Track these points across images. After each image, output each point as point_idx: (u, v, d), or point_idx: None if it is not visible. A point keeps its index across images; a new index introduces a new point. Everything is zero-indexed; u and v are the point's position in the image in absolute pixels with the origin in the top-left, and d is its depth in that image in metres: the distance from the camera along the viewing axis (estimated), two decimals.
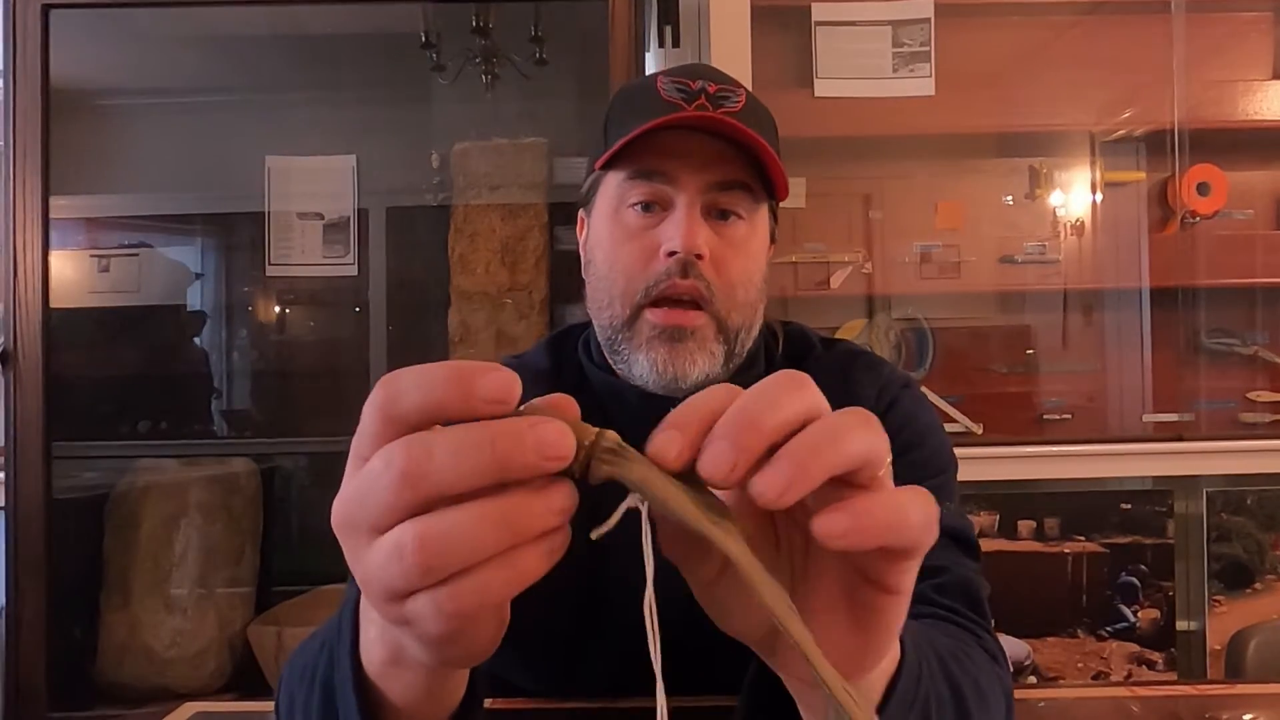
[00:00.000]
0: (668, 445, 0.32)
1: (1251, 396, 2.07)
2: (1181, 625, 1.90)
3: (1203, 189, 2.06)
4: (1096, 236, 2.13)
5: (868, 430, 0.33)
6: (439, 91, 2.37)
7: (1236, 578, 1.90)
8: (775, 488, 0.31)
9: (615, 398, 0.80)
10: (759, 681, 0.47)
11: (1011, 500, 1.87)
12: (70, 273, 2.33)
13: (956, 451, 0.82)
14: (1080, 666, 1.88)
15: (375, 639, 0.40)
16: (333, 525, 0.33)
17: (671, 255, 0.73)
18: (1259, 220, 2.14)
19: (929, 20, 1.95)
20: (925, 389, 1.62)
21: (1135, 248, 2.13)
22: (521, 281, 2.15)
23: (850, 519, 0.32)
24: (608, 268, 0.78)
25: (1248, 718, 0.79)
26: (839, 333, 2.07)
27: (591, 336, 0.84)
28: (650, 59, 1.98)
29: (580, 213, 0.85)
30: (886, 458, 0.34)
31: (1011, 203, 2.13)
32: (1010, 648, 1.83)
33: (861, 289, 2.09)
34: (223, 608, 2.02)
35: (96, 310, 2.35)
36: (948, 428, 1.61)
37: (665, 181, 0.75)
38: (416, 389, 0.31)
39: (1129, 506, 1.88)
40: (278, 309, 2.56)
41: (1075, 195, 2.13)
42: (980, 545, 0.77)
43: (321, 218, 2.24)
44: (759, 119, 0.76)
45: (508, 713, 0.76)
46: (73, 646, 1.93)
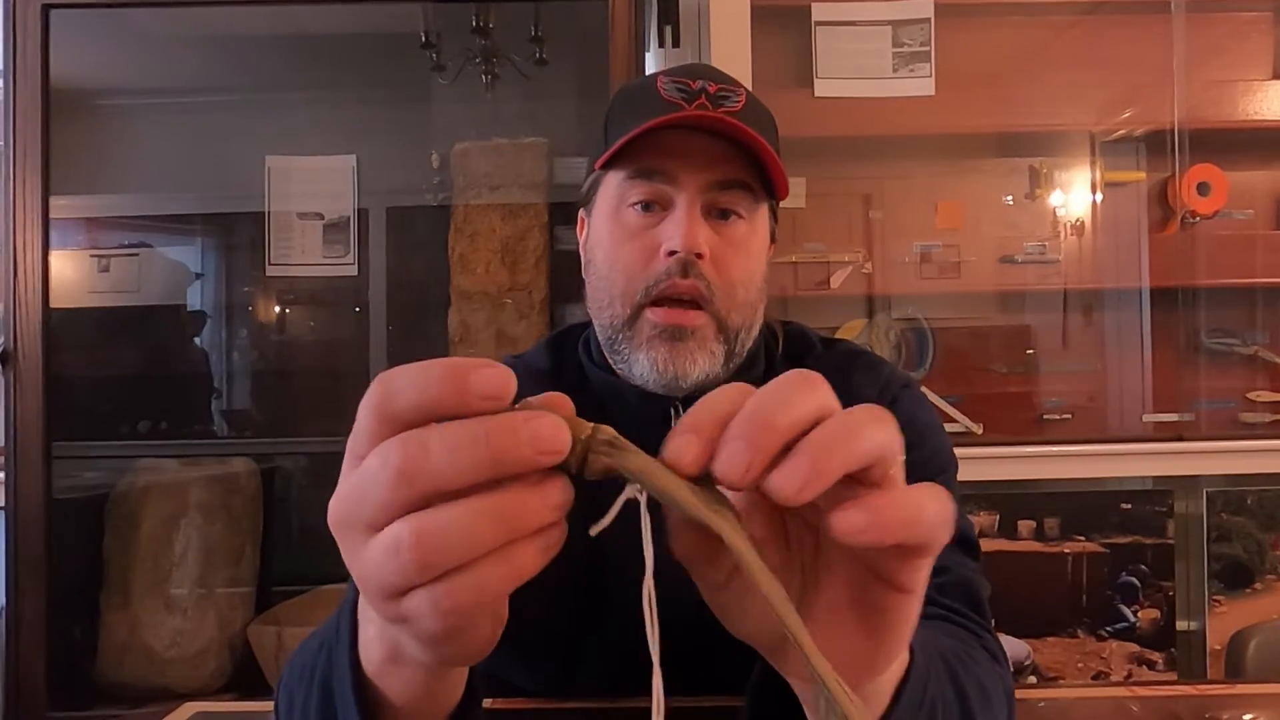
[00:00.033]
0: (684, 450, 0.32)
1: (1251, 396, 2.07)
2: (1181, 625, 1.90)
3: (1203, 189, 2.06)
4: (1096, 236, 2.13)
5: (882, 426, 0.33)
6: (439, 91, 2.37)
7: (1236, 578, 1.90)
8: (793, 484, 0.31)
9: (615, 397, 0.80)
10: (764, 682, 0.47)
11: (1011, 500, 1.87)
12: (70, 273, 2.33)
13: (956, 451, 0.83)
14: (1080, 666, 1.88)
15: (374, 638, 0.40)
16: (329, 524, 0.33)
17: (672, 255, 0.73)
18: (1259, 220, 2.13)
19: (929, 20, 1.95)
20: (925, 389, 1.62)
21: (1135, 248, 2.13)
22: (521, 281, 2.15)
23: (869, 515, 0.31)
24: (608, 267, 0.78)
25: (1248, 718, 0.79)
26: (839, 333, 2.07)
27: (591, 336, 0.84)
28: (650, 59, 1.98)
29: (580, 213, 0.85)
30: (900, 454, 0.33)
31: (1011, 203, 2.13)
32: (1010, 648, 1.83)
33: (861, 289, 2.09)
34: (223, 608, 2.02)
35: (96, 310, 2.35)
36: (948, 428, 1.60)
37: (665, 181, 0.75)
38: (411, 386, 0.31)
39: (1129, 506, 1.88)
40: (278, 309, 2.56)
41: (1075, 195, 2.13)
42: (980, 545, 0.77)
43: (321, 218, 2.24)
44: (759, 119, 0.76)
45: (508, 713, 0.76)
46: (73, 646, 1.92)
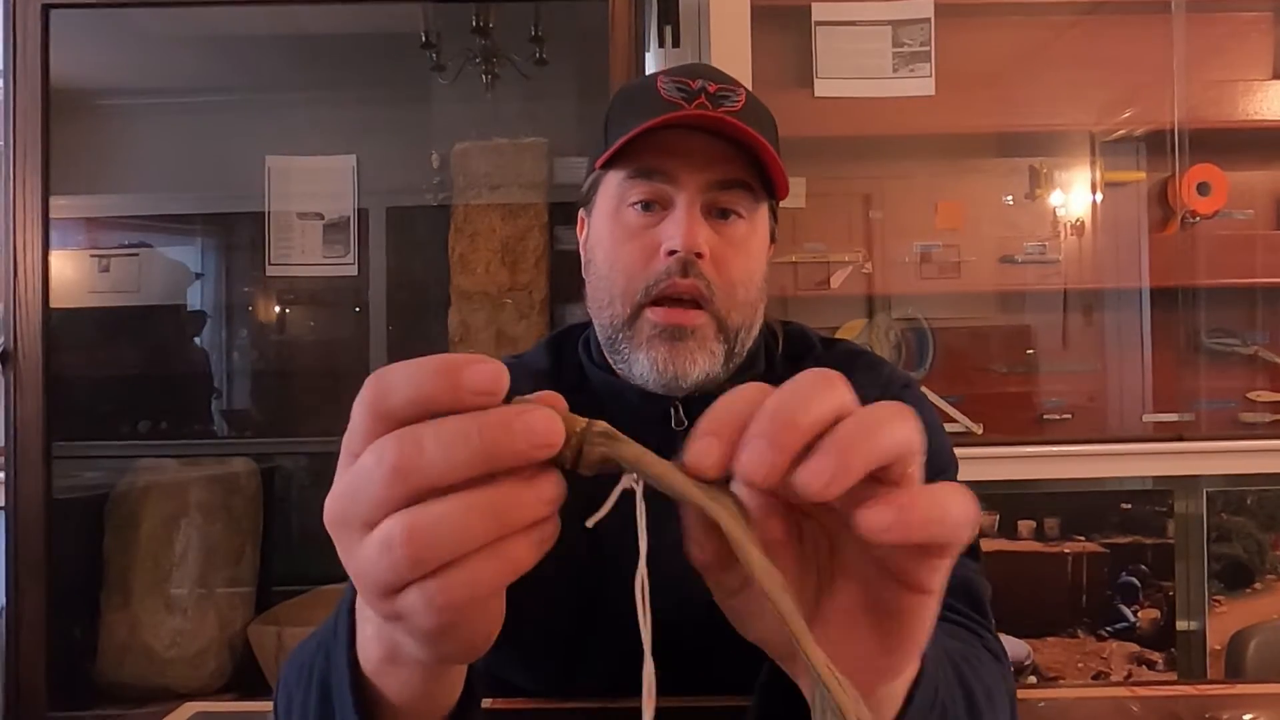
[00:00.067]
0: (705, 453, 0.32)
1: (1251, 396, 2.07)
2: (1181, 625, 1.90)
3: (1203, 189, 2.06)
4: (1096, 236, 2.13)
5: (904, 422, 0.32)
6: (439, 91, 2.37)
7: (1236, 578, 1.90)
8: (819, 480, 0.30)
9: (615, 397, 0.80)
10: (772, 683, 0.47)
11: (1011, 500, 1.87)
12: (70, 273, 2.33)
13: (956, 451, 0.82)
14: (1080, 666, 1.88)
15: (371, 637, 0.40)
16: (325, 522, 0.32)
17: (672, 254, 0.73)
18: (1259, 220, 2.13)
19: (929, 20, 1.95)
20: (925, 389, 1.61)
21: (1135, 248, 2.13)
22: (521, 281, 2.15)
23: (896, 513, 0.31)
24: (608, 267, 0.78)
25: (1248, 718, 0.79)
26: (839, 333, 2.07)
27: (591, 336, 0.84)
28: (650, 59, 1.98)
29: (580, 212, 0.85)
30: (921, 452, 0.33)
31: (1011, 203, 2.13)
32: (1010, 648, 1.82)
33: (861, 289, 2.09)
34: (223, 608, 2.02)
35: (96, 310, 2.35)
36: (948, 428, 1.60)
37: (665, 180, 0.75)
38: (405, 383, 0.31)
39: (1129, 506, 1.88)
40: (278, 309, 2.56)
41: (1075, 195, 2.13)
42: (981, 545, 0.77)
43: (321, 218, 2.24)
44: (759, 118, 0.76)
45: (508, 713, 0.76)
46: (73, 646, 1.92)
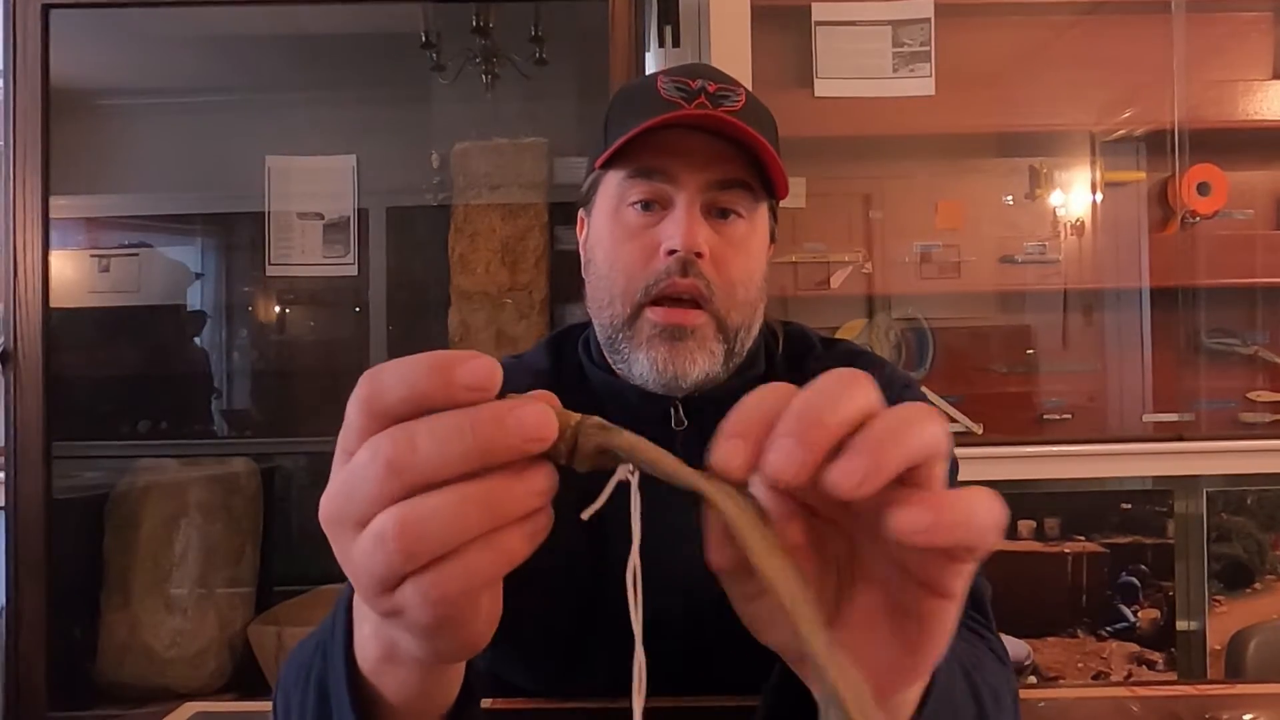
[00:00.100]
0: (732, 455, 0.31)
1: (1251, 396, 2.07)
2: (1181, 625, 1.90)
3: (1203, 189, 2.06)
4: (1096, 236, 2.13)
5: (933, 423, 0.32)
6: (439, 91, 2.37)
7: (1236, 578, 1.90)
8: (852, 479, 0.30)
9: (615, 397, 0.80)
10: (782, 685, 0.46)
11: (1011, 500, 1.83)
12: (70, 273, 2.33)
13: (957, 452, 0.82)
14: (1080, 666, 1.88)
15: (369, 636, 0.40)
16: (320, 521, 0.33)
17: (671, 254, 0.73)
18: (1259, 220, 2.13)
19: (929, 20, 1.95)
20: (925, 389, 1.62)
21: (1135, 248, 2.13)
22: (521, 281, 2.15)
23: (933, 514, 0.30)
24: (608, 267, 0.78)
25: (1248, 718, 0.79)
26: (839, 333, 2.07)
27: (591, 336, 0.84)
28: (650, 59, 1.98)
29: (580, 212, 0.85)
30: (947, 455, 0.33)
31: (1011, 203, 2.13)
32: (1010, 648, 1.82)
33: (861, 289, 2.09)
34: (223, 608, 2.02)
35: (96, 310, 2.35)
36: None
37: (665, 180, 0.75)
38: (398, 381, 0.31)
39: (1129, 506, 1.88)
40: (278, 309, 2.56)
41: (1075, 195, 2.13)
42: None
43: (321, 218, 2.24)
44: (759, 118, 0.76)
45: (508, 713, 0.76)
46: (73, 646, 1.92)
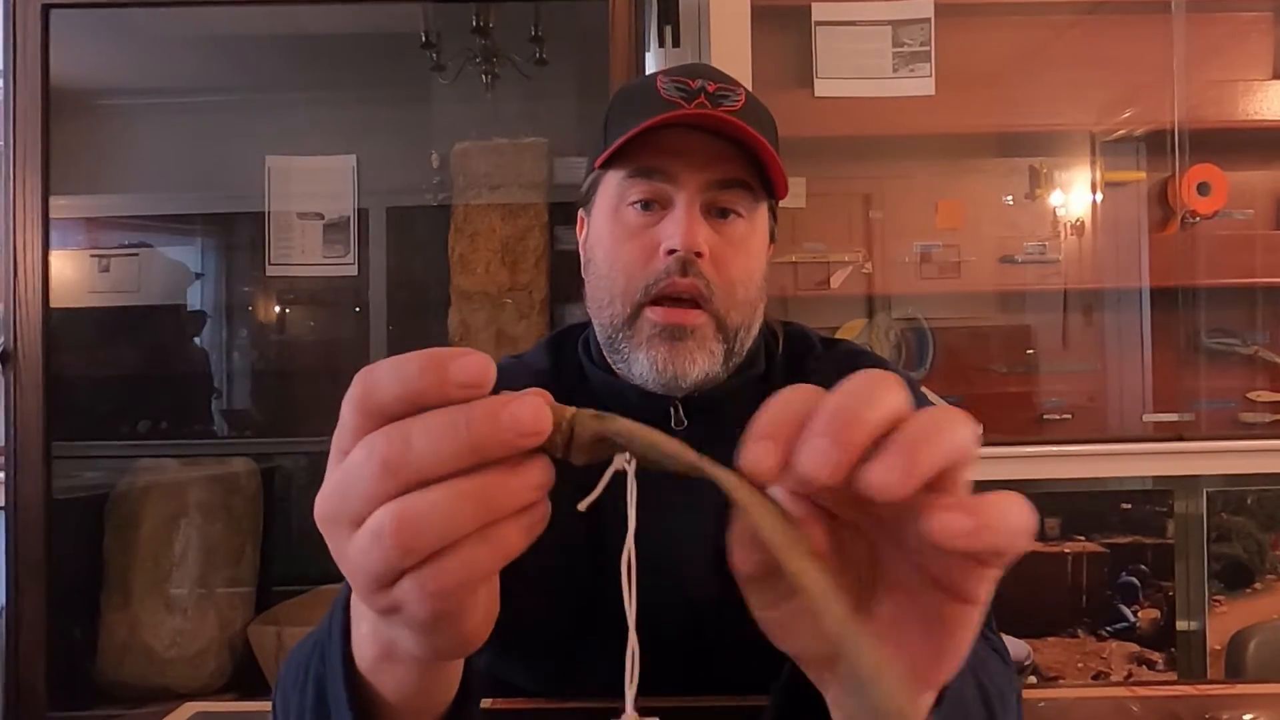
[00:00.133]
0: (763, 457, 0.30)
1: (1251, 396, 2.07)
2: (1181, 625, 1.90)
3: (1203, 189, 2.06)
4: (1096, 236, 2.13)
5: (965, 426, 0.31)
6: (439, 91, 2.37)
7: (1236, 578, 1.90)
8: (891, 478, 0.29)
9: (615, 397, 0.80)
10: (790, 685, 0.46)
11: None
12: (70, 273, 2.33)
13: None
14: (1080, 666, 1.88)
15: (366, 635, 0.40)
16: (316, 520, 0.32)
17: (671, 253, 0.73)
18: (1259, 220, 2.13)
19: (929, 20, 1.95)
20: (925, 389, 1.61)
21: (1135, 248, 2.13)
22: (521, 281, 2.15)
23: (974, 519, 0.30)
24: (608, 266, 0.78)
25: (1248, 718, 0.79)
26: (839, 333, 2.07)
27: (591, 336, 0.84)
28: (650, 59, 1.98)
29: (580, 212, 0.85)
30: (975, 458, 0.32)
31: (1011, 203, 2.13)
32: (1010, 648, 1.82)
33: (861, 289, 2.09)
34: (223, 608, 2.02)
35: (96, 310, 2.34)
36: None
37: (665, 180, 0.75)
38: (392, 379, 0.31)
39: (1129, 506, 1.88)
40: (278, 309, 2.56)
41: (1075, 195, 2.13)
42: None
43: (321, 218, 2.24)
44: (759, 118, 0.76)
45: (508, 713, 0.76)
46: (73, 646, 1.92)
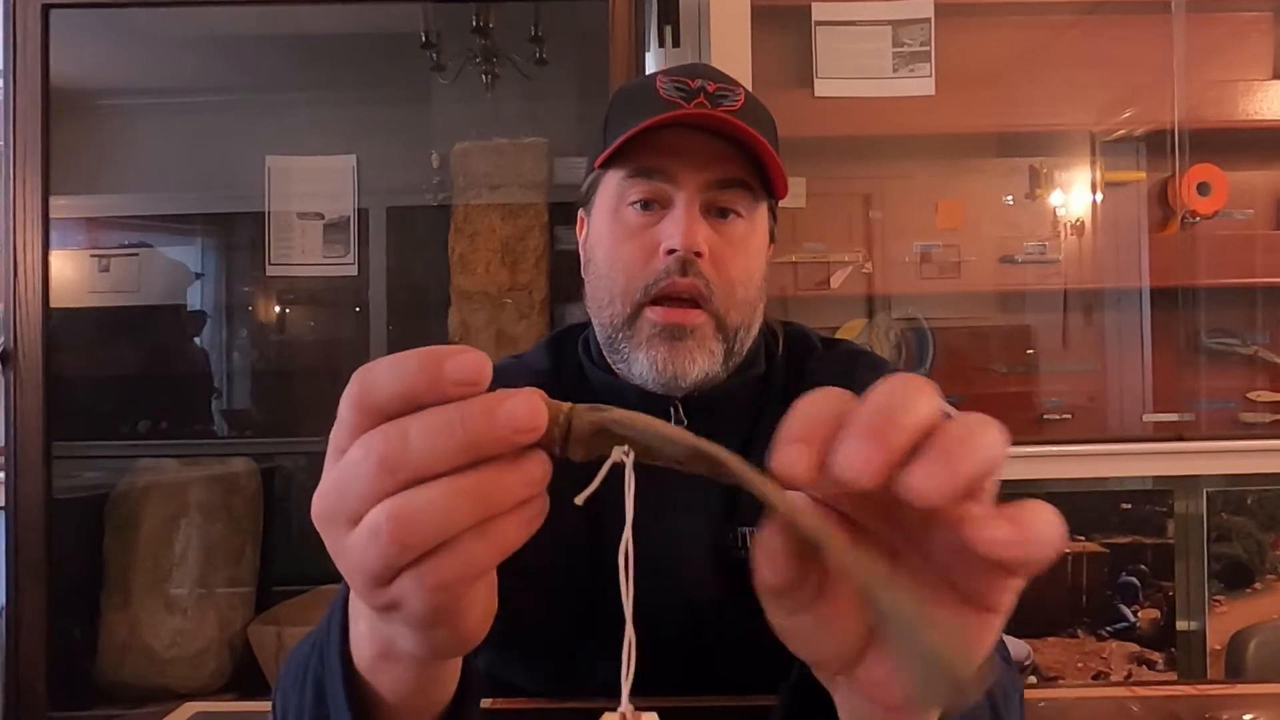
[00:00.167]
0: (796, 461, 0.30)
1: (1251, 396, 2.07)
2: (1181, 625, 1.90)
3: (1203, 189, 2.06)
4: (1096, 236, 2.13)
5: (997, 432, 0.31)
6: (439, 91, 2.37)
7: (1236, 578, 1.90)
8: (933, 481, 0.28)
9: (615, 397, 0.80)
10: (799, 685, 0.45)
11: (1011, 500, 1.87)
12: (70, 273, 2.33)
13: None
14: (1080, 666, 1.88)
15: (365, 634, 0.40)
16: (313, 519, 0.32)
17: (671, 253, 0.73)
18: (1259, 220, 2.13)
19: (929, 20, 1.95)
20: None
21: (1135, 248, 2.13)
22: (521, 281, 2.15)
23: (1016, 529, 0.29)
24: (608, 266, 0.78)
25: (1248, 718, 0.79)
26: (839, 333, 2.07)
27: (591, 336, 0.84)
28: (650, 59, 1.98)
29: (580, 212, 0.85)
30: (1003, 465, 0.32)
31: (1011, 203, 2.13)
32: (1010, 648, 1.83)
33: (861, 289, 2.09)
34: (223, 608, 2.02)
35: (96, 310, 2.34)
36: None
37: (665, 179, 0.75)
38: (389, 377, 0.31)
39: (1129, 506, 1.88)
40: (278, 309, 2.56)
41: (1075, 195, 2.13)
42: None
43: (321, 218, 2.24)
44: (758, 118, 0.76)
45: (507, 713, 0.76)
46: (73, 646, 1.92)
